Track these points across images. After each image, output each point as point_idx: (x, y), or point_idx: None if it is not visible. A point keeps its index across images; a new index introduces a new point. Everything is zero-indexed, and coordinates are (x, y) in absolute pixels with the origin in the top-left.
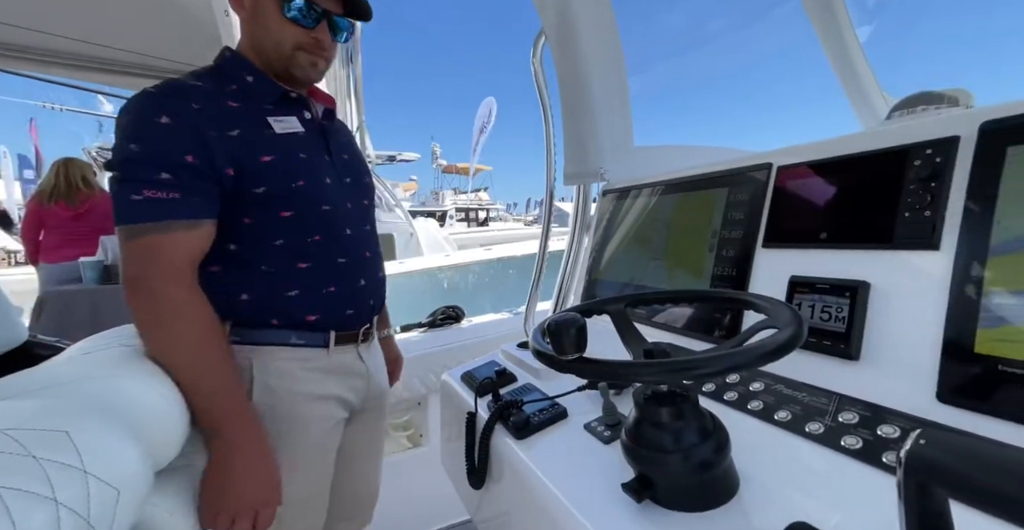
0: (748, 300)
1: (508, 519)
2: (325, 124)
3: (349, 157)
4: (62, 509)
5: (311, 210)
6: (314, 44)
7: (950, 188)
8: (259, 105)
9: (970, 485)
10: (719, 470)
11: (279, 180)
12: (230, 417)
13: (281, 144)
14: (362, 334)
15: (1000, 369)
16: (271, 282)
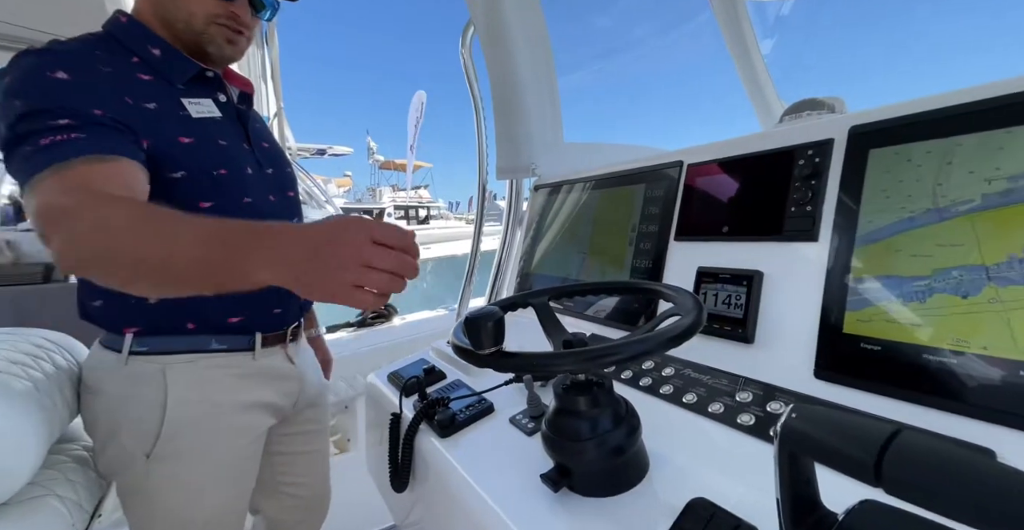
0: (657, 290)
1: (432, 521)
2: (242, 109)
3: (269, 146)
4: None
5: (233, 202)
6: (231, 18)
7: (827, 185)
8: (171, 83)
9: (828, 450)
10: (630, 454)
11: (200, 166)
12: (246, 231)
13: (199, 128)
14: (290, 333)
15: (862, 347)
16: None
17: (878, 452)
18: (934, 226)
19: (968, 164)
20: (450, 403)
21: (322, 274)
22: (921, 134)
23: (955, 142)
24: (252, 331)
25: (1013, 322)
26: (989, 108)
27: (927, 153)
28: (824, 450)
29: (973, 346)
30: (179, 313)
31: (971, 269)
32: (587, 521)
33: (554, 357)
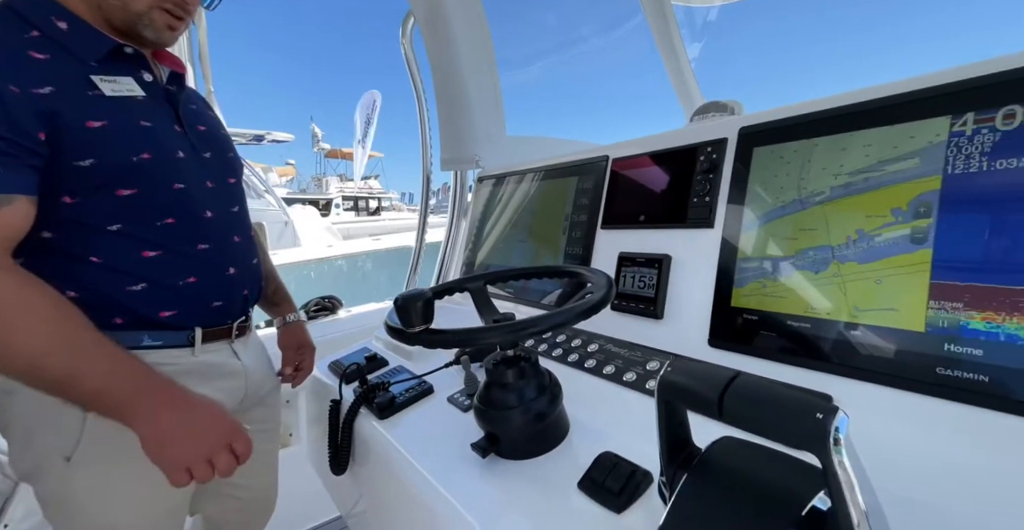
0: (576, 272)
1: (372, 501)
2: (171, 89)
3: (207, 129)
4: None
5: (160, 189)
6: (178, 4)
7: (721, 178)
8: (79, 60)
9: (688, 395)
10: (552, 419)
11: (114, 151)
12: (132, 392)
13: (114, 108)
14: (236, 328)
15: (744, 317)
16: (106, 276)
17: (720, 393)
18: (798, 214)
19: (821, 161)
20: (390, 387)
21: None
22: (790, 135)
23: (813, 143)
24: (190, 326)
25: (847, 292)
26: (836, 115)
27: (794, 152)
28: (686, 395)
29: (820, 313)
30: (106, 308)
31: (821, 249)
32: (511, 481)
33: (478, 331)
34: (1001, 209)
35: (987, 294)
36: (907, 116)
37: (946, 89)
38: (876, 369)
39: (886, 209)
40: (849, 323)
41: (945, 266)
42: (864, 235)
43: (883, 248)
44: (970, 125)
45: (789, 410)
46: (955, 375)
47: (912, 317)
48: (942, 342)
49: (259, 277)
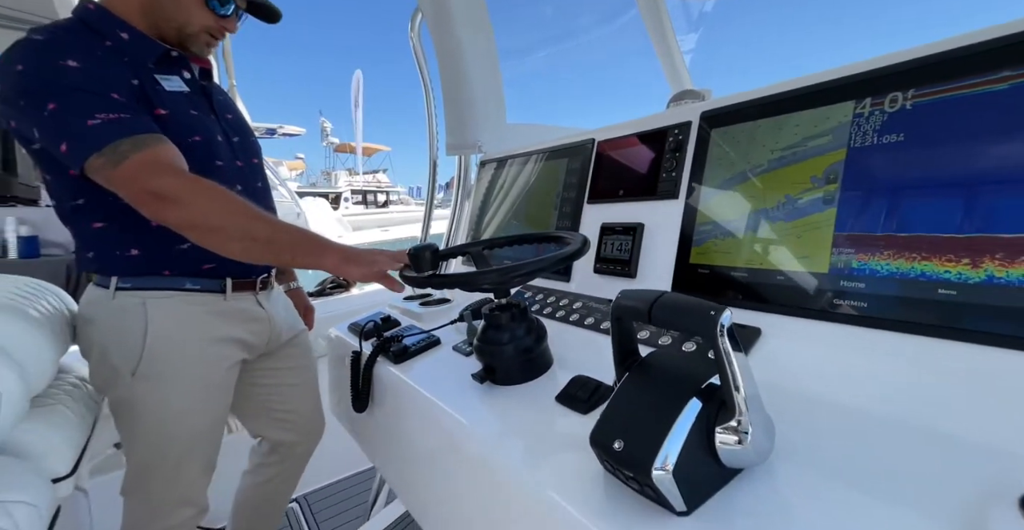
0: (559, 235)
1: (393, 438)
2: (204, 84)
3: (233, 117)
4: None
5: (205, 166)
6: (220, 30)
7: (686, 157)
8: (143, 62)
9: (631, 311)
10: (537, 353)
11: (175, 134)
12: (315, 252)
13: (171, 101)
14: (260, 283)
15: (699, 271)
16: (162, 237)
17: (649, 306)
18: (744, 184)
19: (762, 140)
20: (403, 339)
21: (362, 265)
22: (740, 118)
23: (757, 124)
24: (223, 276)
25: (777, 245)
26: (775, 100)
27: (742, 132)
28: (628, 311)
29: (755, 264)
30: (159, 264)
31: (759, 212)
32: (502, 400)
33: (475, 274)
34: (882, 174)
35: (868, 240)
36: (825, 100)
37: (853, 79)
38: (794, 304)
39: (807, 177)
40: (776, 270)
41: (844, 221)
42: (790, 199)
43: (803, 209)
44: (868, 108)
45: (693, 312)
46: (846, 303)
47: (820, 262)
48: (839, 279)
49: None
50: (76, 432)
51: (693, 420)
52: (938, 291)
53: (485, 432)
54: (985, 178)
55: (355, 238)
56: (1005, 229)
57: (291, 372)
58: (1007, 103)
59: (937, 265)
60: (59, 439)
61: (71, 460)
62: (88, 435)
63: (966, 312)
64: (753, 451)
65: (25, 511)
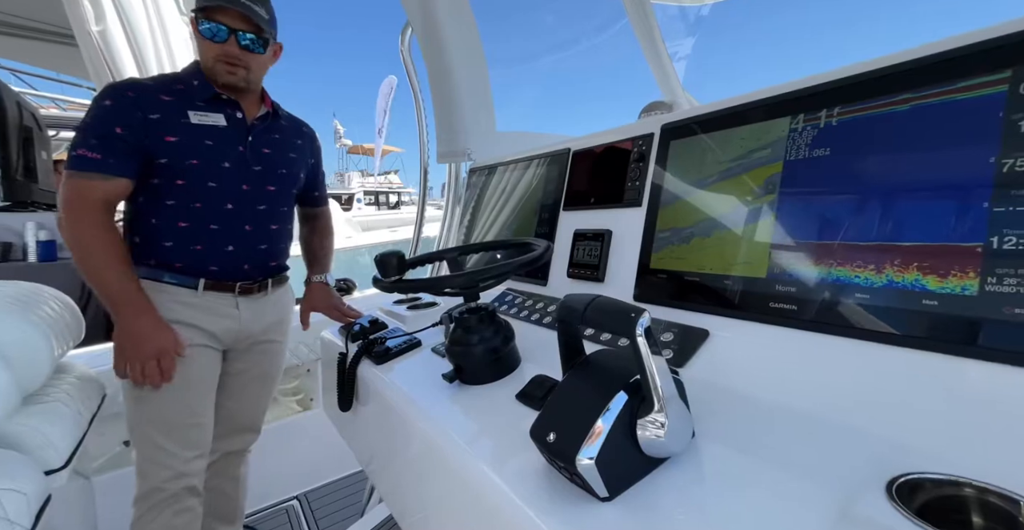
0: (525, 242)
1: (375, 436)
2: (256, 124)
3: (270, 151)
4: None
5: (198, 184)
6: (225, 55)
7: (649, 167)
8: (190, 101)
9: (570, 314)
10: (504, 353)
11: (176, 156)
12: (121, 303)
13: (190, 130)
14: (239, 288)
15: (657, 276)
16: (155, 231)
17: (583, 309)
18: (698, 192)
19: (713, 151)
20: (386, 342)
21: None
22: (694, 131)
23: (709, 137)
24: (196, 276)
25: (724, 252)
26: (724, 114)
27: (697, 144)
28: (568, 314)
29: (706, 268)
30: (148, 254)
31: (709, 220)
32: (467, 398)
33: (439, 279)
34: (813, 186)
35: (798, 247)
36: (767, 115)
37: (791, 96)
38: (737, 307)
39: (750, 188)
40: (722, 275)
41: (780, 229)
42: (736, 207)
43: (748, 217)
44: (801, 123)
45: (617, 315)
46: (780, 306)
47: (760, 267)
48: (774, 283)
49: (265, 257)
50: (72, 427)
51: (618, 413)
52: (855, 295)
53: (447, 429)
54: (887, 191)
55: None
56: (903, 238)
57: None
58: (906, 123)
59: (848, 271)
60: (54, 433)
61: (65, 453)
62: (85, 431)
63: (873, 313)
64: (670, 442)
65: (13, 498)
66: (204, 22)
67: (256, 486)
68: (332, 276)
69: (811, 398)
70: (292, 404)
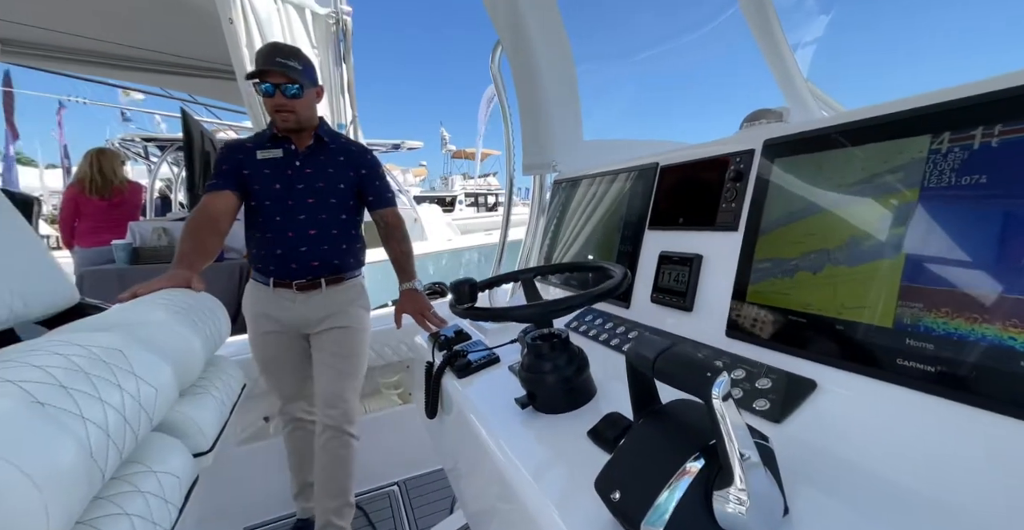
0: (602, 266)
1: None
2: (304, 151)
3: (312, 171)
4: (125, 394)
5: (260, 203)
6: (276, 107)
7: (747, 187)
8: (262, 144)
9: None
10: (577, 383)
11: (250, 183)
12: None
13: (258, 164)
14: (295, 285)
15: (755, 312)
16: (249, 243)
17: (654, 358)
18: (807, 220)
19: (827, 174)
20: (468, 354)
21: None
22: (804, 148)
23: (823, 156)
24: (269, 276)
25: (837, 291)
26: (842, 131)
27: (807, 164)
28: (638, 360)
29: (814, 309)
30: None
31: (820, 253)
32: (539, 428)
33: (508, 310)
34: (960, 221)
35: (941, 295)
36: (898, 133)
37: (930, 110)
38: (854, 358)
39: (874, 219)
40: (836, 319)
41: (914, 271)
42: (855, 241)
43: (868, 253)
44: (945, 144)
45: (692, 370)
46: (911, 365)
47: (884, 314)
48: (904, 336)
49: (307, 258)
50: (217, 414)
51: (691, 480)
52: (1018, 362)
53: (516, 458)
54: None
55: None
56: None
57: (323, 354)
58: None
59: (1001, 330)
60: (203, 420)
61: (211, 438)
62: (228, 416)
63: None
64: (752, 520)
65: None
66: (259, 85)
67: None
68: (420, 282)
69: (945, 482)
70: (393, 397)
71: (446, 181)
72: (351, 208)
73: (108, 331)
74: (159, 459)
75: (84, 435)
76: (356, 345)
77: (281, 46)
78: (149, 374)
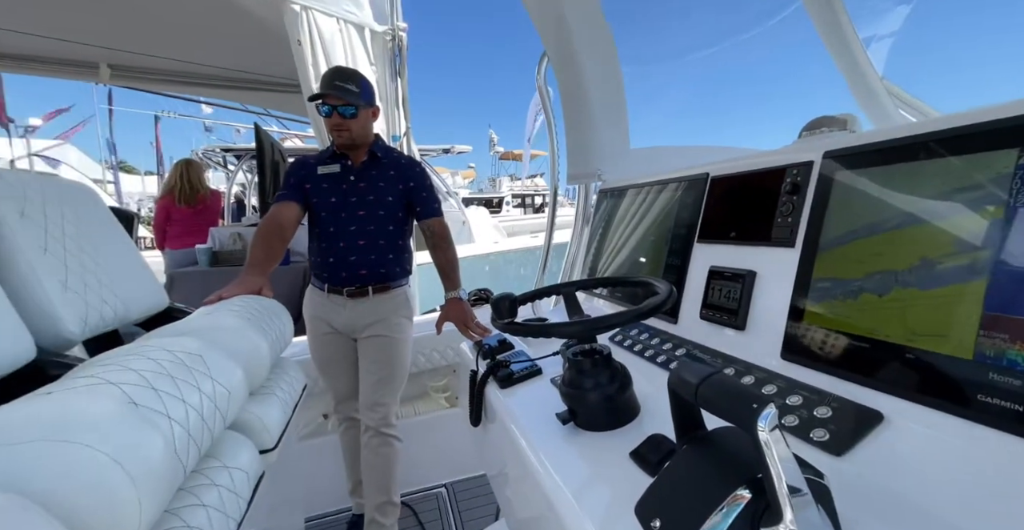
0: (646, 281)
1: (497, 451)
2: (358, 166)
3: (365, 184)
4: (203, 395)
5: (317, 215)
6: (333, 126)
7: (805, 201)
8: (322, 160)
9: (682, 386)
10: (620, 402)
11: (310, 197)
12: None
13: (318, 178)
14: (346, 292)
15: (813, 334)
16: (310, 252)
17: (696, 384)
18: (869, 238)
19: (896, 188)
20: (511, 365)
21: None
22: (870, 161)
23: (891, 169)
24: (324, 282)
25: (906, 316)
26: (913, 143)
27: (872, 177)
28: (680, 386)
29: (880, 334)
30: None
31: (887, 274)
32: (581, 444)
33: (549, 327)
34: None
35: None
36: (979, 147)
37: (1017, 121)
38: (924, 391)
39: (950, 239)
40: (905, 346)
41: (997, 297)
42: (927, 263)
43: (943, 276)
44: None
45: (737, 400)
46: (991, 402)
47: (963, 345)
48: (986, 370)
49: (355, 267)
50: (281, 413)
51: (737, 514)
52: None
53: (557, 474)
54: None
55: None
56: None
57: (365, 360)
58: None
59: None
60: (269, 419)
61: (276, 436)
62: (290, 415)
63: None
64: None
65: (240, 475)
66: (320, 107)
67: (411, 469)
68: (464, 291)
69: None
70: (441, 400)
71: (494, 182)
72: (399, 219)
73: (190, 336)
74: (231, 455)
75: (170, 433)
76: (395, 354)
77: (341, 71)
78: (223, 377)
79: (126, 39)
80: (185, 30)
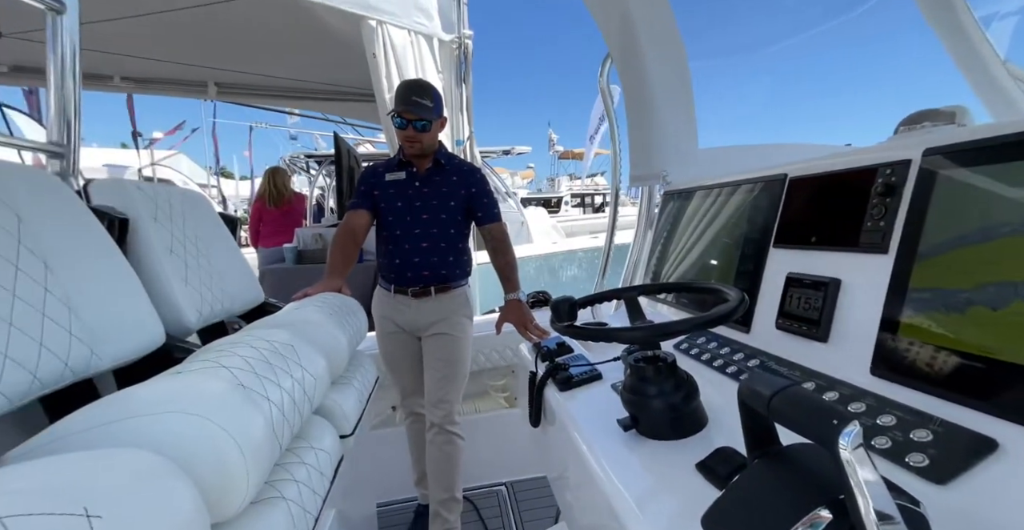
0: (714, 288)
1: (557, 454)
2: (423, 173)
3: (428, 190)
4: (294, 381)
5: (384, 219)
6: (406, 138)
7: (901, 203)
8: (390, 168)
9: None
10: (686, 411)
11: (379, 202)
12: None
13: (385, 185)
14: (410, 292)
15: (910, 349)
16: (379, 252)
17: (769, 396)
18: (980, 245)
19: (1013, 189)
20: (570, 368)
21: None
22: (979, 159)
23: (1005, 168)
24: (391, 283)
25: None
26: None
27: (981, 178)
28: (752, 398)
29: (995, 352)
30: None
31: (1004, 285)
32: (644, 452)
33: (611, 331)
34: None
35: None
36: None
37: None
38: None
39: None
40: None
41: None
42: None
43: None
44: None
45: (816, 415)
46: None
47: None
48: None
49: (418, 268)
50: (357, 403)
51: None
52: None
53: (620, 482)
54: None
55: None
56: None
57: (430, 358)
58: None
59: None
60: (347, 406)
61: (353, 422)
62: (364, 406)
63: None
64: None
65: (324, 456)
66: (394, 118)
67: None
68: (523, 292)
69: None
70: (500, 400)
71: (553, 182)
72: (459, 223)
73: (283, 328)
74: (316, 437)
75: (268, 413)
76: (458, 352)
77: (417, 85)
78: (311, 365)
79: (229, 59)
80: (276, 48)
